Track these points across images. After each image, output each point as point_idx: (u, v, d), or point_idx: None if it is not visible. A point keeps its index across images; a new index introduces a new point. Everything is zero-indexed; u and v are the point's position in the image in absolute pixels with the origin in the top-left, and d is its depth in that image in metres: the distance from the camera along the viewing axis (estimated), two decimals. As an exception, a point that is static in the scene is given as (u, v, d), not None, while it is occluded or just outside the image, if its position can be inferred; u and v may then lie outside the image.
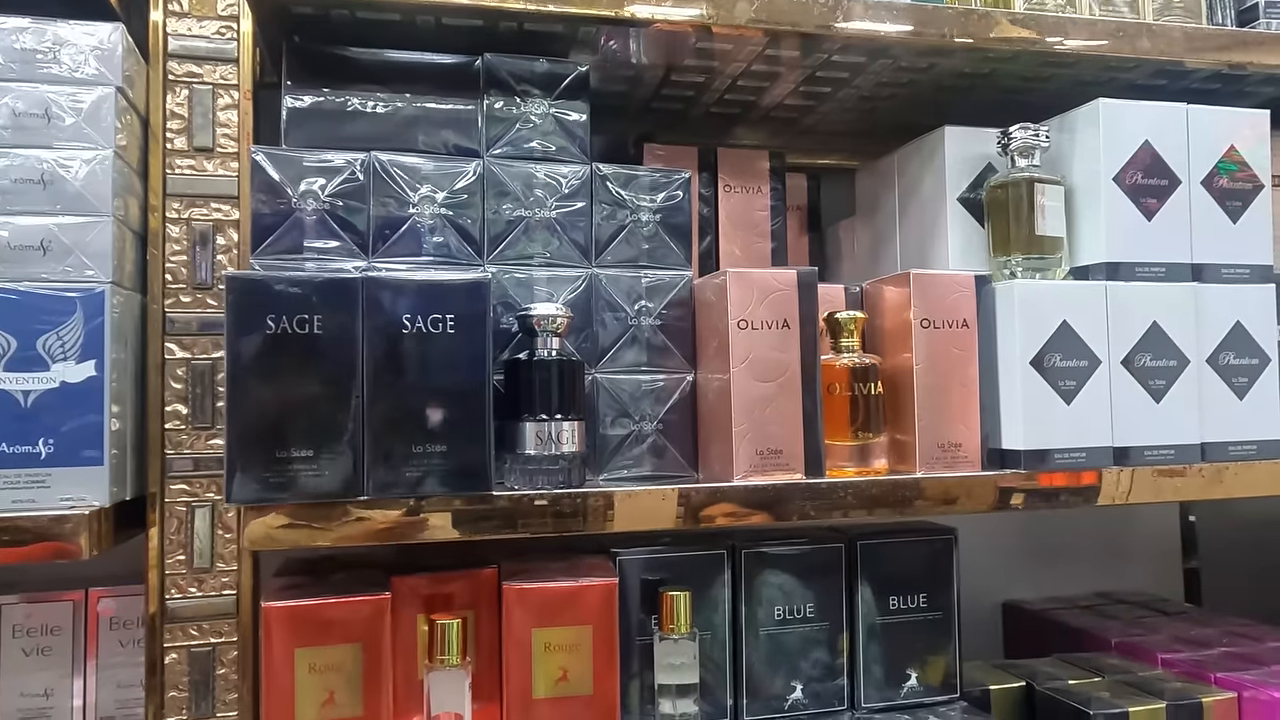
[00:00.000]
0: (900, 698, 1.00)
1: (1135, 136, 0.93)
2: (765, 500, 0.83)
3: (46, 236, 0.73)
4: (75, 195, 0.74)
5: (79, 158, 0.75)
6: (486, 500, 0.77)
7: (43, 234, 0.73)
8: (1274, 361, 0.96)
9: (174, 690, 0.82)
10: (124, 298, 0.79)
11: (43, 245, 0.73)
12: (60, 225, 0.73)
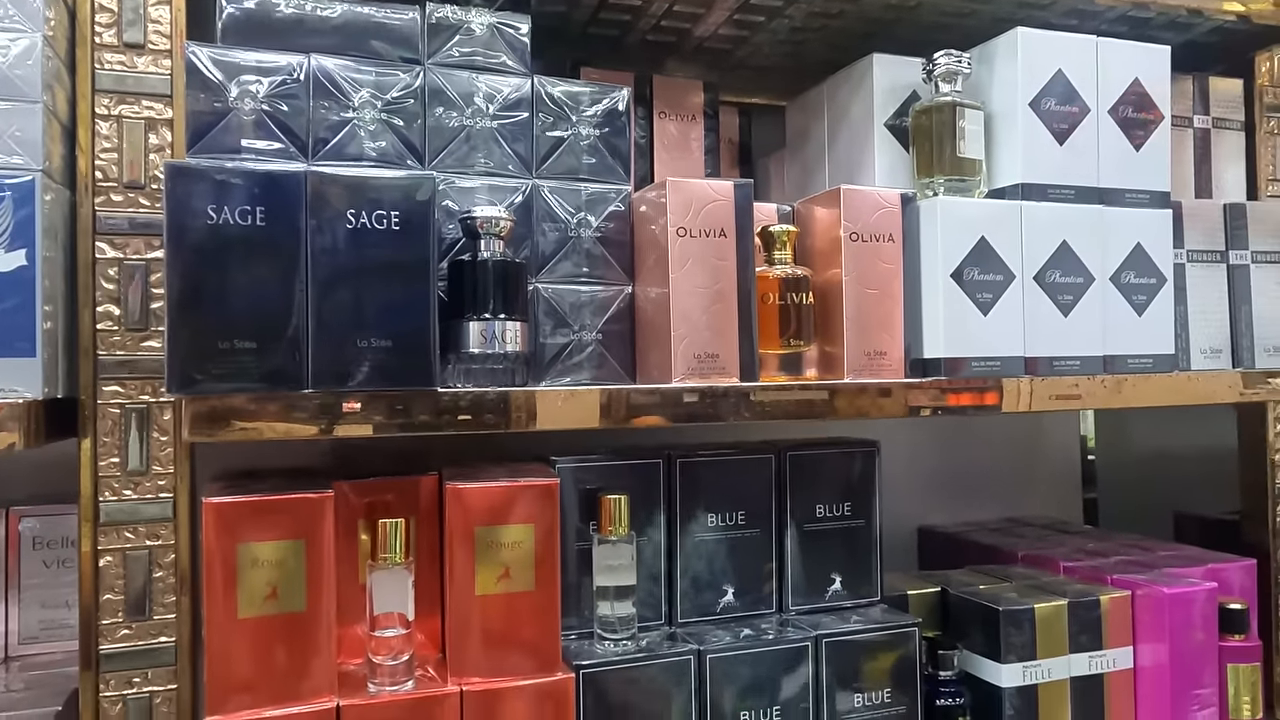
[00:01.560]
0: (825, 600, 1.05)
1: (1050, 65, 0.99)
2: (697, 407, 0.86)
3: (-30, 119, 0.71)
4: (3, 79, 0.72)
5: (5, 39, 0.72)
6: (430, 395, 0.78)
7: (-34, 116, 0.71)
8: (1169, 282, 1.03)
9: (109, 594, 0.81)
10: (55, 193, 0.78)
11: (-33, 128, 0.71)
12: (-13, 107, 0.71)
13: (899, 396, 0.92)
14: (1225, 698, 1.08)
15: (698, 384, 0.87)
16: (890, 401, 0.92)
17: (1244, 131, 1.25)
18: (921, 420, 1.45)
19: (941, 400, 0.94)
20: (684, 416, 0.85)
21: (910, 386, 0.93)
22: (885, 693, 0.99)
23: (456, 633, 0.85)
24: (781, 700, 0.94)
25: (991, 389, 0.95)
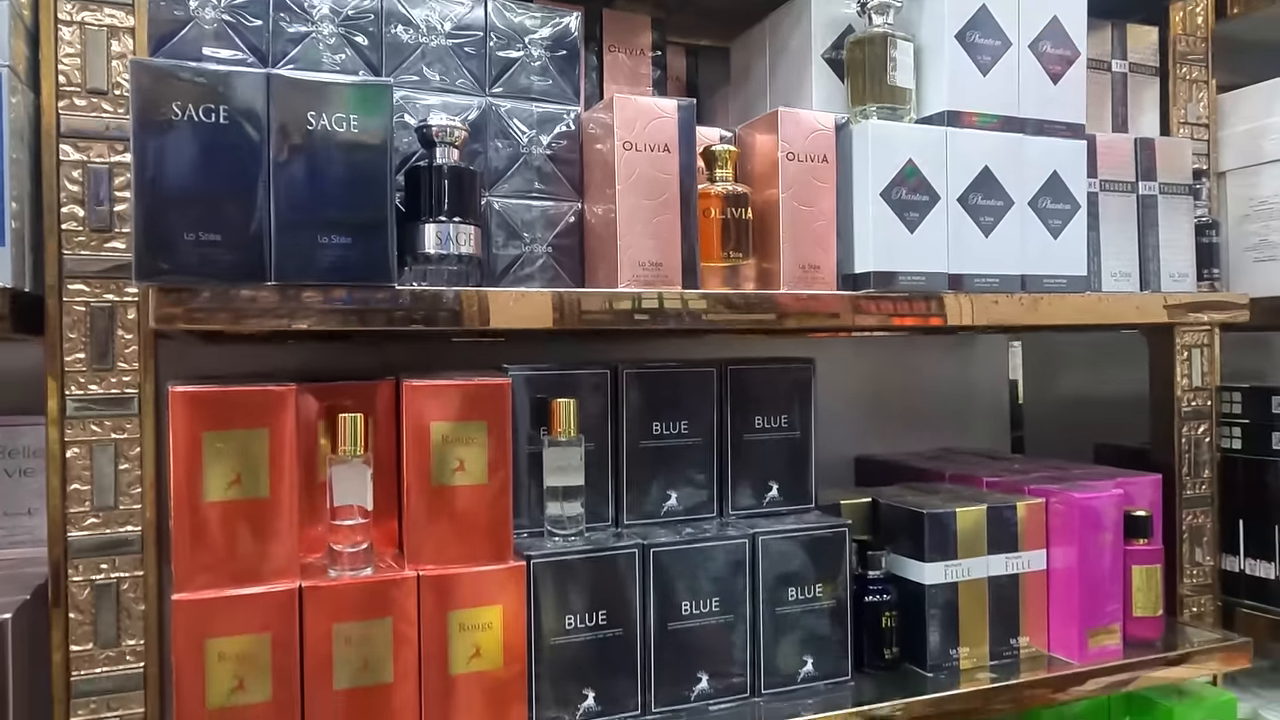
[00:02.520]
0: (763, 506, 1.11)
1: (975, 1, 1.05)
2: (640, 308, 0.92)
3: (-61, 15, 0.73)
4: (-32, -25, 0.75)
5: (-28, -62, 0.75)
6: (388, 290, 0.82)
7: (-65, 12, 0.73)
8: (1083, 208, 1.11)
9: (76, 484, 0.84)
10: (21, 95, 0.80)
11: (-65, 23, 0.73)
12: (-46, 3, 0.74)
13: (840, 305, 0.99)
14: (1129, 596, 1.17)
15: (644, 289, 0.92)
16: (827, 309, 0.99)
17: (1158, 77, 1.33)
18: (862, 353, 1.52)
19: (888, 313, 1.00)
20: (629, 319, 0.91)
21: (859, 299, 0.99)
22: (817, 588, 1.06)
23: (414, 523, 0.90)
24: (720, 594, 1.01)
25: (934, 301, 1.02)
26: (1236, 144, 1.34)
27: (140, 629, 0.86)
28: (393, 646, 0.87)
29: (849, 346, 1.51)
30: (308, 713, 0.84)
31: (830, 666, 1.06)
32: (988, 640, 1.13)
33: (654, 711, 0.98)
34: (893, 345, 1.55)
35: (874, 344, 1.54)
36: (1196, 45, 1.34)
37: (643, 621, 0.98)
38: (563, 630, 0.94)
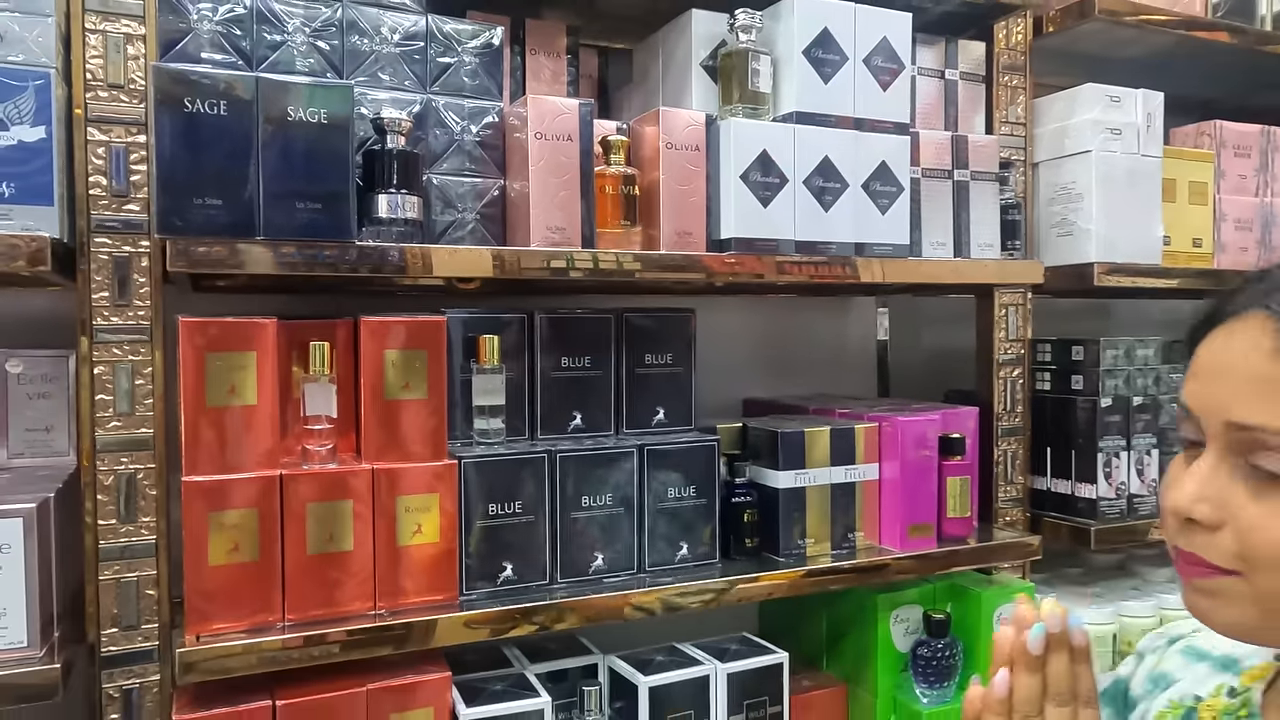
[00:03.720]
0: (651, 427, 1.38)
1: (818, 24, 1.32)
2: (550, 259, 1.18)
3: (3, 29, 0.96)
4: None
5: (27, -32, 0.97)
6: (350, 245, 1.07)
7: (0, 26, 0.96)
8: (907, 191, 1.39)
9: (102, 394, 1.08)
10: (59, 90, 1.03)
11: (1, 34, 0.96)
12: (17, 20, 0.96)
13: (709, 261, 1.26)
14: (944, 501, 1.47)
15: (549, 248, 1.18)
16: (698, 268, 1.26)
17: (985, 84, 1.62)
18: (756, 311, 1.80)
19: (741, 269, 1.27)
20: (545, 269, 1.17)
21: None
22: (692, 489, 1.33)
23: (369, 429, 1.15)
24: (613, 491, 1.28)
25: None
26: (1047, 140, 1.64)
27: (152, 508, 1.10)
28: (353, 522, 1.12)
29: (743, 305, 1.79)
30: (286, 569, 1.09)
31: (701, 551, 1.34)
32: (830, 534, 1.42)
33: (559, 582, 1.25)
34: (782, 306, 1.83)
35: (765, 303, 1.82)
36: (1017, 58, 1.63)
37: (550, 511, 1.24)
38: (487, 515, 1.20)
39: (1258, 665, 0.79)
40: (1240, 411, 0.63)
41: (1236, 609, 0.64)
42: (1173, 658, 0.86)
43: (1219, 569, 0.64)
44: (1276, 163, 1.81)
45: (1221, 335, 0.67)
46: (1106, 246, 1.57)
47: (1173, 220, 1.68)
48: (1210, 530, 0.64)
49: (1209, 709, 0.78)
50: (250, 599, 1.08)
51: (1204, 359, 0.68)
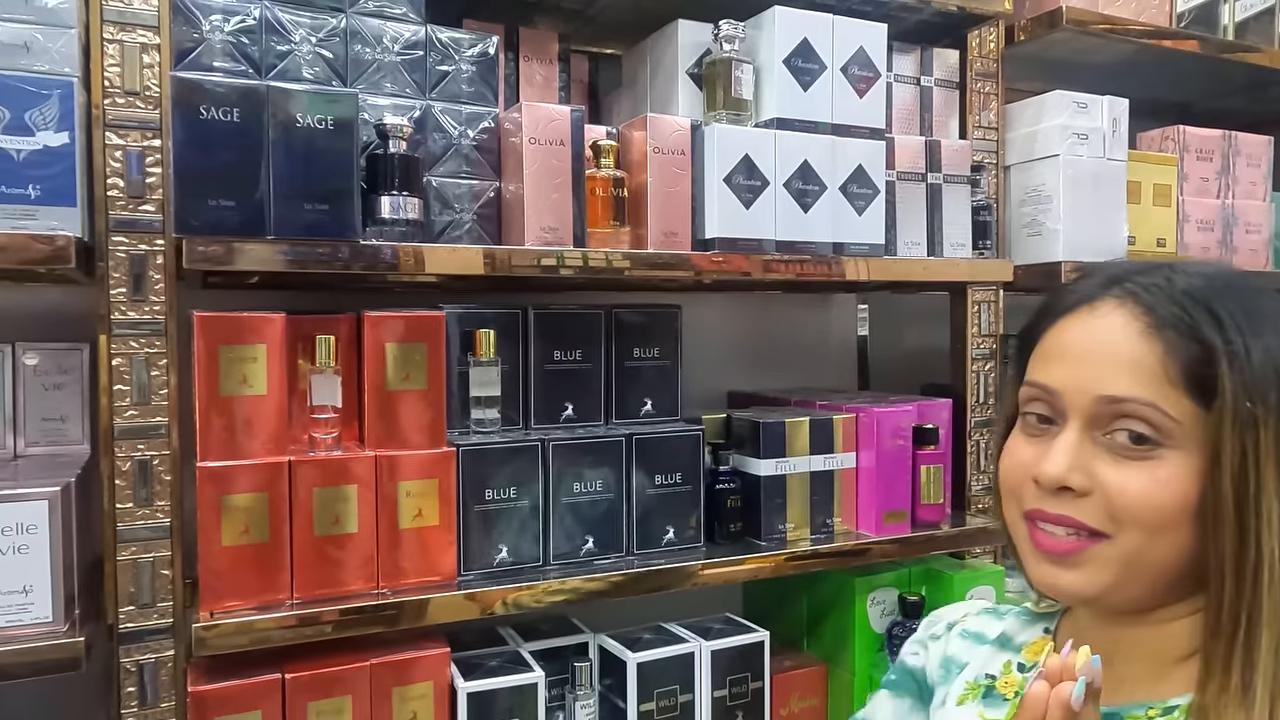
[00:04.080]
0: (639, 418, 1.45)
1: (797, 34, 1.39)
2: (540, 258, 1.24)
3: (29, 39, 1.02)
4: (49, 10, 1.03)
5: (51, -17, 1.03)
6: (354, 244, 1.13)
7: (26, 36, 1.02)
8: (882, 193, 1.46)
9: (119, 384, 1.14)
10: (80, 96, 1.08)
11: (26, 45, 1.02)
12: (41, 31, 1.02)
13: (696, 259, 1.33)
14: (919, 489, 1.55)
15: (542, 247, 1.25)
16: (685, 267, 1.33)
17: (959, 90, 1.70)
18: (739, 308, 1.87)
19: (729, 267, 1.34)
20: (537, 267, 1.23)
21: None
22: (678, 477, 1.40)
23: (372, 418, 1.22)
24: (602, 478, 1.35)
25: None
26: (1017, 144, 1.72)
27: (167, 492, 1.16)
28: (357, 506, 1.19)
29: (728, 302, 1.86)
30: (294, 550, 1.16)
31: (687, 535, 1.41)
32: (810, 520, 1.49)
33: (552, 563, 1.32)
34: (765, 302, 1.90)
35: (749, 300, 1.89)
36: (989, 65, 1.71)
37: (543, 497, 1.31)
38: (483, 500, 1.27)
39: (1032, 641, 0.86)
40: (1112, 386, 0.70)
41: (1098, 574, 0.71)
42: (955, 642, 0.92)
43: (1091, 532, 0.71)
44: (1237, 166, 1.89)
45: (1078, 322, 0.74)
46: (1074, 246, 1.64)
47: (1138, 221, 1.76)
48: (1080, 496, 0.71)
49: (1007, 684, 0.84)
50: (260, 578, 1.14)
51: (1070, 343, 0.74)
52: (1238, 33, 1.89)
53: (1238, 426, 0.68)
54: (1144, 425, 0.69)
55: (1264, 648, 0.67)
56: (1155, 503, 0.69)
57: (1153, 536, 0.69)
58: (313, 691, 1.17)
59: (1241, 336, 0.69)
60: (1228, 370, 0.68)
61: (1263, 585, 0.67)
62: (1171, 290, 0.72)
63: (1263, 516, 0.67)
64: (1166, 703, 0.73)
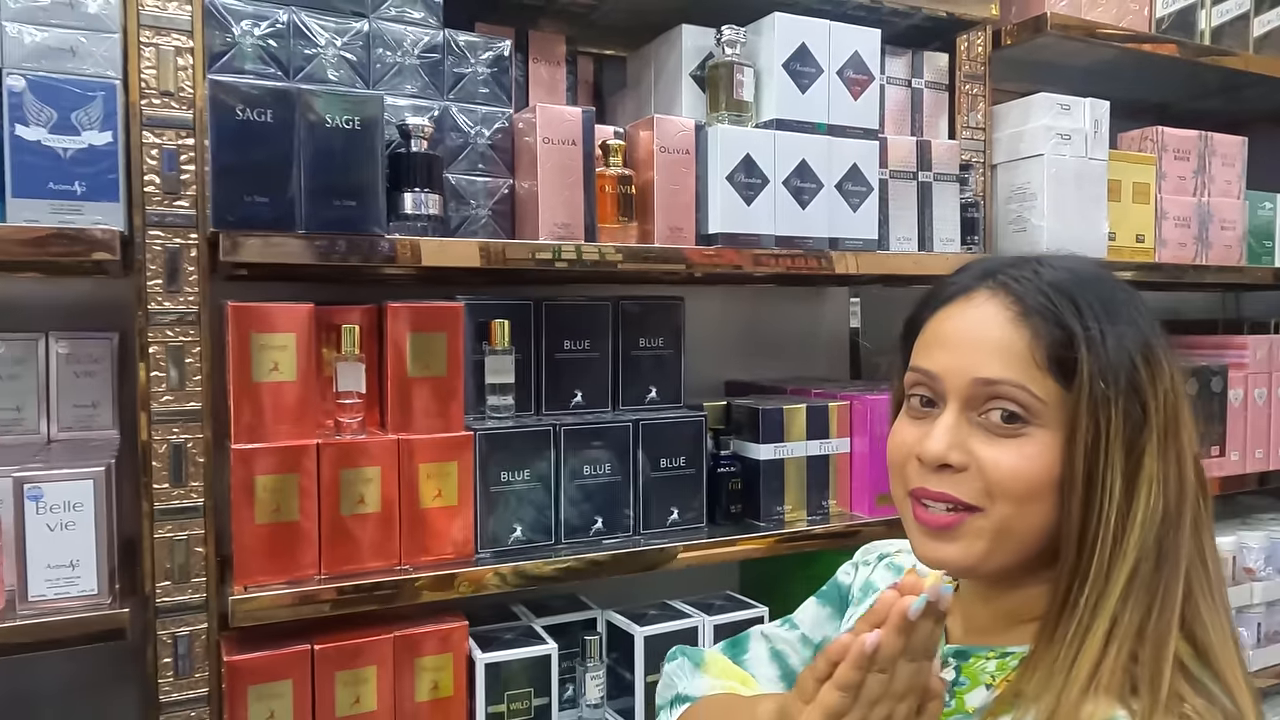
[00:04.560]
0: (644, 405, 1.52)
1: (796, 39, 1.46)
2: (535, 251, 1.31)
3: (74, 43, 1.07)
4: (93, 16, 1.09)
5: (95, -10, 1.09)
6: (379, 238, 1.20)
7: (72, 41, 1.07)
8: (875, 191, 1.54)
9: (156, 371, 1.20)
10: (121, 97, 1.14)
11: (72, 49, 1.07)
12: (86, 35, 1.08)
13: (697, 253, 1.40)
14: (909, 472, 1.62)
15: (558, 242, 1.31)
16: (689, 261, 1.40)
17: (948, 92, 1.77)
18: (737, 300, 1.94)
19: (730, 261, 1.41)
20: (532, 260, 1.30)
21: (760, 255, 1.40)
22: (682, 460, 1.47)
23: (394, 404, 1.28)
24: (611, 461, 1.42)
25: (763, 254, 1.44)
26: (1004, 144, 1.79)
27: (200, 474, 1.22)
28: (380, 487, 1.25)
29: (726, 294, 1.93)
30: (322, 528, 1.22)
31: (690, 516, 1.48)
32: (806, 502, 1.56)
33: (563, 542, 1.39)
34: (761, 295, 1.97)
35: (746, 293, 1.96)
36: (977, 68, 1.78)
37: (555, 479, 1.38)
38: (499, 482, 1.34)
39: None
40: (986, 370, 0.75)
41: (972, 545, 0.76)
42: (880, 571, 1.01)
43: (967, 506, 0.76)
44: (1213, 165, 1.98)
45: (956, 312, 0.79)
46: (1057, 242, 1.72)
47: (1118, 218, 1.84)
48: (958, 472, 0.76)
49: None
50: (290, 555, 1.21)
51: (948, 331, 0.79)
52: (1214, 37, 1.97)
53: (1092, 405, 0.73)
54: (1014, 405, 0.75)
55: (1084, 602, 0.73)
56: (1023, 476, 0.74)
57: (1021, 508, 0.75)
58: (339, 662, 1.23)
59: (1098, 324, 0.75)
60: (1086, 354, 0.74)
61: (1098, 552, 0.73)
62: (1039, 282, 0.77)
63: (1106, 489, 0.73)
64: (1006, 649, 0.81)
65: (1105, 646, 0.73)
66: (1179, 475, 0.76)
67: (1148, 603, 0.74)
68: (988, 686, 0.79)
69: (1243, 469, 2.02)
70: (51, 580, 1.09)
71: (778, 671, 1.03)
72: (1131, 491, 0.74)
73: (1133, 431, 0.74)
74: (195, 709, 1.22)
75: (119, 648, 1.29)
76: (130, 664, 1.37)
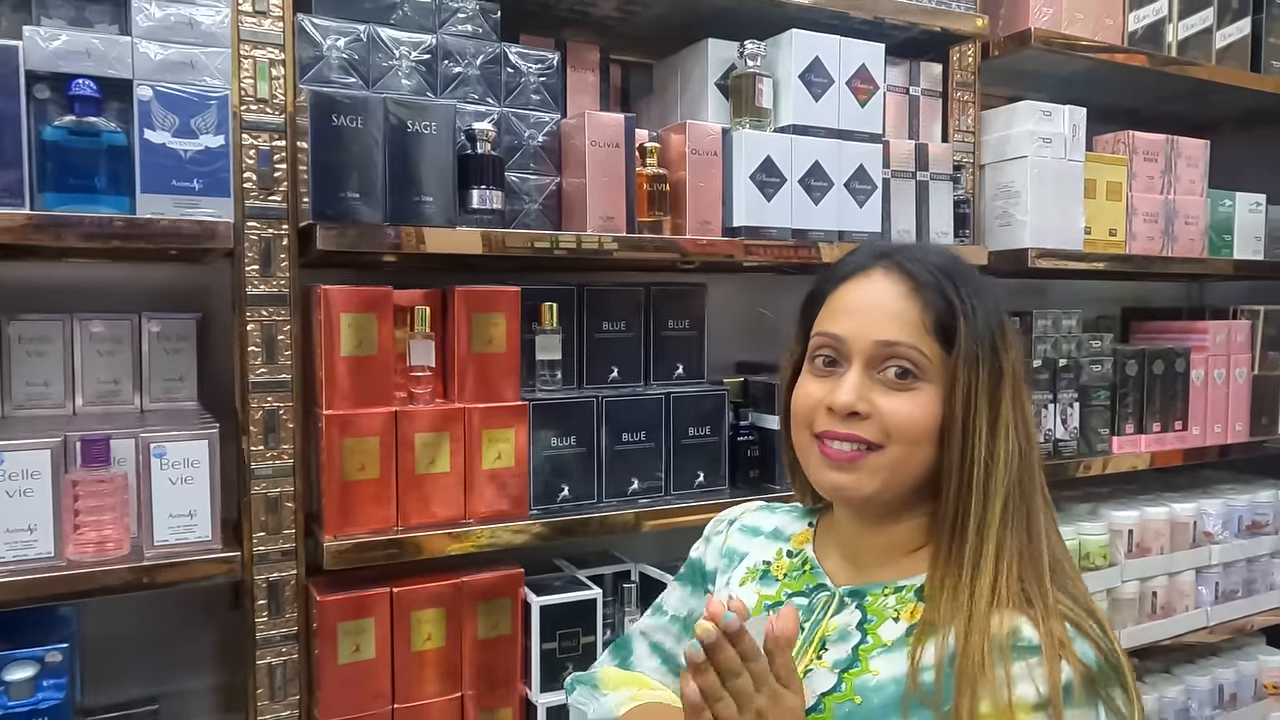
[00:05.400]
0: (672, 380, 1.70)
1: (810, 53, 1.63)
2: (534, 240, 1.47)
3: (194, 58, 1.23)
4: (209, 34, 1.24)
5: (210, 11, 1.24)
6: (453, 227, 1.36)
7: (191, 56, 1.23)
8: (879, 188, 1.72)
9: (252, 346, 1.36)
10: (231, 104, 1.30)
11: (191, 63, 1.23)
12: (203, 51, 1.23)
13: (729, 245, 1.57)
14: (906, 442, 1.81)
15: (601, 233, 1.48)
16: (717, 249, 1.57)
17: (941, 99, 1.95)
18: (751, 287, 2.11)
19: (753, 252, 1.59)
20: (530, 249, 1.46)
21: (737, 242, 1.57)
22: (706, 429, 1.65)
23: (460, 377, 1.44)
24: (646, 429, 1.59)
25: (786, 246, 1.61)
26: (992, 146, 1.98)
27: (291, 437, 1.38)
28: (449, 450, 1.42)
29: (743, 283, 2.10)
30: (399, 486, 1.39)
31: (714, 479, 1.65)
32: (815, 468, 1.74)
33: (604, 500, 1.56)
34: (773, 284, 2.14)
35: (760, 280, 2.13)
36: (968, 77, 1.96)
37: (597, 444, 1.55)
38: (550, 447, 1.51)
39: (797, 532, 1.07)
40: (885, 333, 0.90)
41: (871, 477, 0.90)
42: (735, 536, 1.12)
43: (869, 444, 0.90)
44: (1179, 166, 2.17)
45: (857, 286, 0.94)
46: (1038, 235, 1.91)
47: (1093, 214, 2.03)
48: (864, 419, 0.90)
49: (778, 568, 1.05)
50: (373, 508, 1.37)
51: (851, 302, 0.93)
52: (1180, 49, 2.16)
53: (966, 365, 0.89)
54: (907, 363, 0.89)
55: (972, 531, 0.88)
56: (915, 421, 0.89)
57: (912, 448, 0.89)
58: (415, 603, 1.40)
59: (971, 299, 0.90)
60: (963, 324, 0.89)
61: (975, 484, 0.88)
62: (927, 263, 0.92)
63: (976, 430, 0.88)
64: (898, 583, 0.94)
65: (997, 565, 0.87)
66: (1025, 422, 0.92)
67: (1024, 525, 0.89)
68: (894, 619, 0.92)
69: (1203, 442, 2.22)
70: (173, 528, 1.25)
71: (659, 662, 1.14)
72: (994, 433, 0.89)
73: (994, 385, 0.89)
74: (285, 644, 1.38)
75: (223, 588, 1.46)
76: (224, 608, 1.53)
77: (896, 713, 0.86)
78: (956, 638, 0.85)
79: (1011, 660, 0.83)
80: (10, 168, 1.13)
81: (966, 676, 0.83)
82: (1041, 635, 0.84)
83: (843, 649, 0.92)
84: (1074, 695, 0.82)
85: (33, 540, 1.17)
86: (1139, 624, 2.11)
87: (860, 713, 0.88)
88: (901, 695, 0.86)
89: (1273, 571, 2.37)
